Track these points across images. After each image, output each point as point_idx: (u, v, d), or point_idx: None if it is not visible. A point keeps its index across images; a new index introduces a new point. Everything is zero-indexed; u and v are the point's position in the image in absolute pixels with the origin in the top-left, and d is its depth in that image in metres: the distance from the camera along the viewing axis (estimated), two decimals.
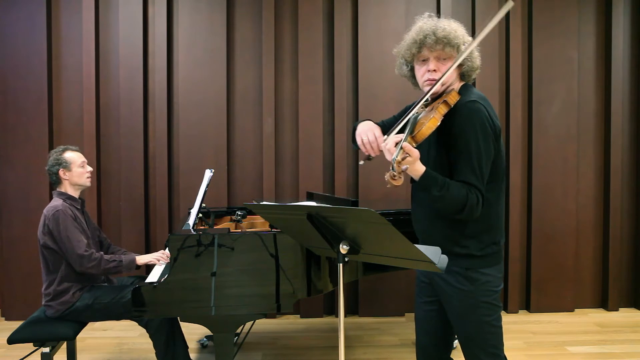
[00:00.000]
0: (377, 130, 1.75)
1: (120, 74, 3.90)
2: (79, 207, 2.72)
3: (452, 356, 1.96)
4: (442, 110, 1.63)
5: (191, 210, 2.74)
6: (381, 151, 1.69)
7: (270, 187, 3.94)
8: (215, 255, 2.23)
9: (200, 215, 2.94)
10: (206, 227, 2.93)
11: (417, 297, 1.92)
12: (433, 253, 1.41)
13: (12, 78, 3.83)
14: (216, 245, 2.23)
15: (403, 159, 1.47)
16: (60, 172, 2.65)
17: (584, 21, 4.08)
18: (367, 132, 1.75)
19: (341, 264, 1.51)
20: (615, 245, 4.07)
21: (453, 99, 1.66)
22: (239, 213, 2.98)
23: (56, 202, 2.63)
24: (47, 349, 2.46)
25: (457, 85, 1.75)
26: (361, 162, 1.80)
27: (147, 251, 3.85)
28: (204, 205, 2.83)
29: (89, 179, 2.75)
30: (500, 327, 1.75)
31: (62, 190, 2.69)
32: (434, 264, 1.39)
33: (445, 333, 1.86)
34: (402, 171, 1.47)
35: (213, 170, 2.91)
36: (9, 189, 3.83)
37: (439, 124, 1.60)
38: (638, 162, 4.14)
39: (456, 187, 1.59)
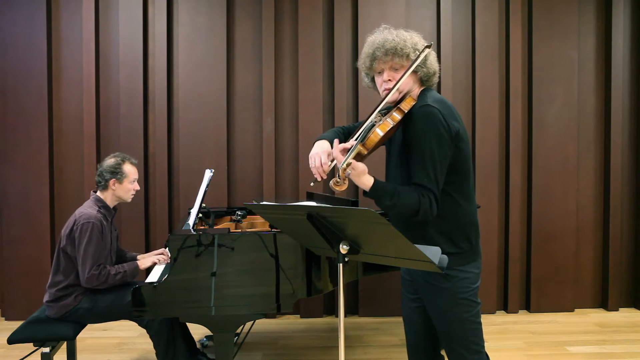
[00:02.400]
0: (325, 156, 1.76)
1: (120, 74, 3.90)
2: (109, 218, 2.71)
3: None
4: (396, 116, 1.68)
5: (191, 210, 2.74)
6: (328, 174, 1.76)
7: (270, 187, 3.94)
8: (215, 255, 2.23)
9: (200, 215, 2.93)
10: (206, 227, 2.93)
11: (402, 295, 1.96)
12: (433, 253, 1.41)
13: (12, 78, 3.83)
14: (216, 245, 2.23)
15: (348, 165, 1.56)
16: (111, 182, 2.66)
17: (584, 21, 4.08)
18: (315, 156, 1.77)
19: (341, 264, 1.51)
20: (615, 245, 4.07)
21: (407, 105, 1.71)
22: (239, 213, 2.98)
23: (92, 210, 2.60)
24: (47, 349, 2.46)
25: (417, 90, 1.79)
26: (311, 184, 1.81)
27: (147, 251, 3.85)
28: (204, 205, 2.83)
29: (132, 196, 2.76)
30: (480, 324, 1.78)
31: (102, 197, 2.69)
32: (434, 264, 1.39)
33: (432, 329, 1.88)
34: (346, 177, 1.57)
35: (213, 170, 2.91)
36: (9, 189, 3.83)
37: (389, 129, 1.65)
38: (638, 162, 4.14)
39: (407, 193, 1.64)
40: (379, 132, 1.65)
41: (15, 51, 3.83)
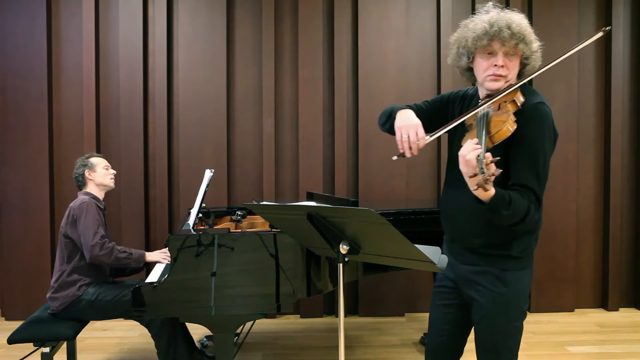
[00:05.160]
0: (421, 129, 1.60)
1: (120, 74, 3.90)
2: (102, 207, 2.80)
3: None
4: (512, 109, 1.55)
5: (191, 210, 2.74)
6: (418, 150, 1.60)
7: (270, 187, 3.94)
8: (215, 255, 2.23)
9: (200, 215, 2.93)
10: (206, 227, 2.93)
11: (434, 300, 1.84)
12: (433, 253, 1.41)
13: (12, 78, 3.83)
14: (216, 245, 2.23)
15: (491, 161, 1.34)
16: (86, 173, 2.78)
17: (584, 21, 4.08)
18: (409, 128, 1.59)
19: (341, 264, 1.51)
20: (615, 245, 4.07)
21: (519, 99, 1.58)
22: (239, 213, 2.98)
23: (83, 197, 2.73)
24: (47, 349, 2.46)
25: (514, 82, 1.66)
26: (394, 158, 1.62)
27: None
28: (204, 205, 2.83)
29: (113, 180, 2.87)
30: (521, 333, 1.68)
31: (88, 190, 2.80)
32: (434, 264, 1.39)
33: (458, 337, 1.79)
34: (493, 175, 1.32)
35: (213, 170, 2.91)
36: (9, 189, 3.83)
37: (516, 127, 1.51)
38: (638, 162, 4.14)
39: (519, 200, 1.49)
40: (509, 128, 1.48)
41: (15, 51, 3.82)
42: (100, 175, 2.80)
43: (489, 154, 1.34)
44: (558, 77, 4.01)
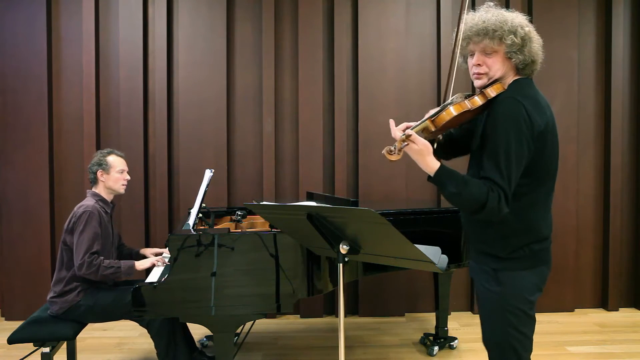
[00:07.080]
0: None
1: (120, 74, 3.90)
2: (108, 210, 2.76)
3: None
4: (477, 101, 1.57)
5: (191, 210, 2.74)
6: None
7: (270, 187, 3.94)
8: (215, 255, 2.23)
9: (200, 215, 2.94)
10: (206, 227, 2.93)
11: None
12: (433, 253, 1.42)
13: (12, 78, 3.83)
14: (216, 245, 2.23)
15: (408, 137, 1.51)
16: (98, 173, 2.72)
17: (584, 21, 4.08)
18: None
19: (341, 264, 1.51)
20: (615, 245, 4.07)
21: (493, 91, 1.59)
22: (239, 213, 2.98)
23: (89, 201, 2.67)
24: (47, 349, 2.46)
25: (510, 79, 1.65)
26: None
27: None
28: (204, 205, 2.83)
29: (124, 187, 2.80)
30: (527, 336, 1.67)
31: (97, 191, 2.75)
32: (434, 264, 1.40)
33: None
34: (401, 149, 1.51)
35: (213, 170, 2.91)
36: (9, 189, 3.83)
37: (463, 111, 1.54)
38: (638, 162, 4.14)
39: (476, 185, 1.52)
40: (453, 111, 1.53)
41: (15, 51, 3.82)
42: (112, 179, 2.73)
43: (411, 131, 1.54)
44: (558, 77, 4.02)
